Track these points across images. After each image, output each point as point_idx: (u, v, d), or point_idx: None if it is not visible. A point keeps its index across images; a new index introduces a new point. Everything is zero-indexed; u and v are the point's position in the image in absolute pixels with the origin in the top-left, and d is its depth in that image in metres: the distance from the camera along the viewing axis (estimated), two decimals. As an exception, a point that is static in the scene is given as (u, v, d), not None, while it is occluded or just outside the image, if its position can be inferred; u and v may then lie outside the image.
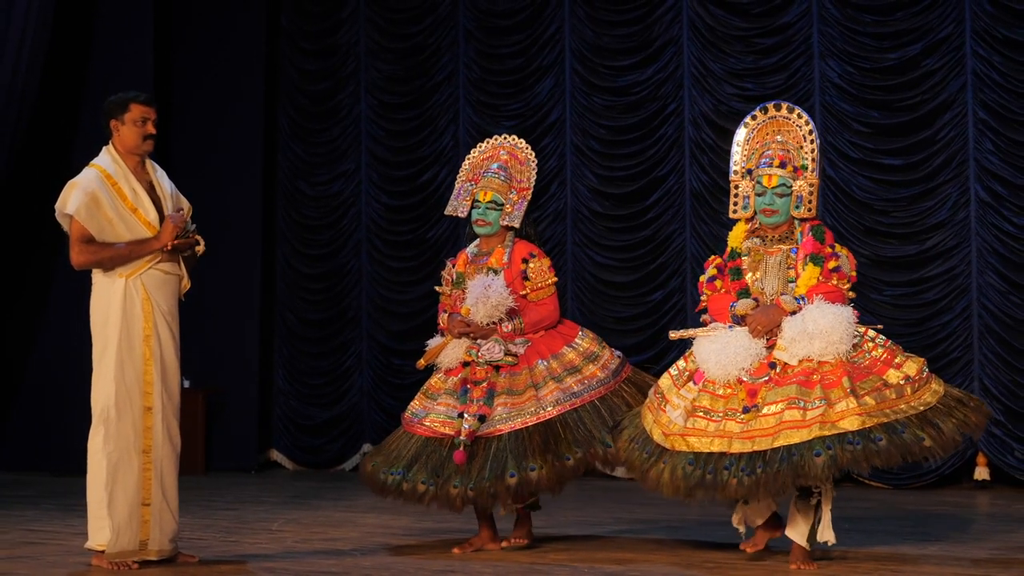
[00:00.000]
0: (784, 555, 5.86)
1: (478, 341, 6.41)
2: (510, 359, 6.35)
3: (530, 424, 6.19)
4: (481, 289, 6.37)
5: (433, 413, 6.33)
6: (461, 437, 6.17)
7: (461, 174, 6.76)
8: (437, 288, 6.74)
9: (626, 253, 10.81)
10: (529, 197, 6.68)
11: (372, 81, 12.07)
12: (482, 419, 6.22)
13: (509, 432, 6.18)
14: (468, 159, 6.79)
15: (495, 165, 6.67)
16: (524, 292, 6.49)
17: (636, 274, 10.78)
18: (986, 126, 9.63)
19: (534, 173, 6.73)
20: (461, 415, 6.24)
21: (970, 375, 9.51)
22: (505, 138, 6.82)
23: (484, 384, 6.32)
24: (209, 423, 11.58)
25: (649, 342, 10.66)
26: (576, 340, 6.56)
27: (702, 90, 10.61)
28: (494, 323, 6.40)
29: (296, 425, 12.23)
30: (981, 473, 9.54)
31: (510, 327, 6.42)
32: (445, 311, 6.59)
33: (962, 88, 9.72)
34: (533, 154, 6.79)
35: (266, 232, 12.24)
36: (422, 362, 6.55)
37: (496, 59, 11.53)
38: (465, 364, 6.41)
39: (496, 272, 6.46)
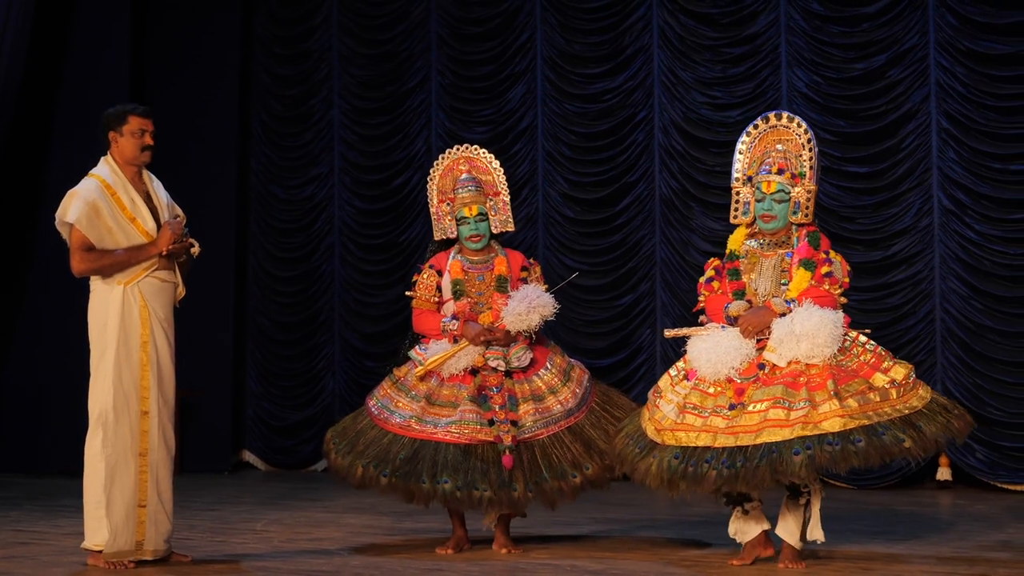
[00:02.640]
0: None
1: (500, 347, 6.52)
2: (527, 365, 6.56)
3: (564, 427, 6.42)
4: (535, 297, 6.54)
5: (463, 421, 6.34)
6: (507, 443, 6.30)
7: (432, 198, 6.87)
8: (408, 293, 6.79)
9: (597, 257, 10.97)
10: (508, 198, 6.86)
11: (345, 86, 12.20)
12: (514, 424, 6.38)
13: (548, 436, 6.39)
14: (430, 182, 6.91)
15: (463, 177, 6.80)
16: None
17: (606, 278, 10.95)
18: (949, 135, 9.85)
19: (501, 174, 6.88)
20: (491, 422, 6.37)
21: (933, 378, 9.72)
22: (457, 149, 6.95)
23: (502, 391, 6.48)
24: (182, 424, 11.64)
25: (619, 345, 10.86)
26: (550, 343, 6.79)
27: (672, 98, 10.80)
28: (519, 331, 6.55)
29: (268, 426, 12.34)
30: (944, 474, 9.78)
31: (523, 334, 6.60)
32: (455, 318, 6.60)
33: (926, 98, 9.95)
34: (491, 156, 6.93)
35: (239, 235, 12.32)
36: (421, 371, 6.53)
37: (468, 65, 11.68)
38: (473, 372, 6.52)
39: (507, 280, 6.64)
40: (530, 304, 6.53)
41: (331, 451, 6.62)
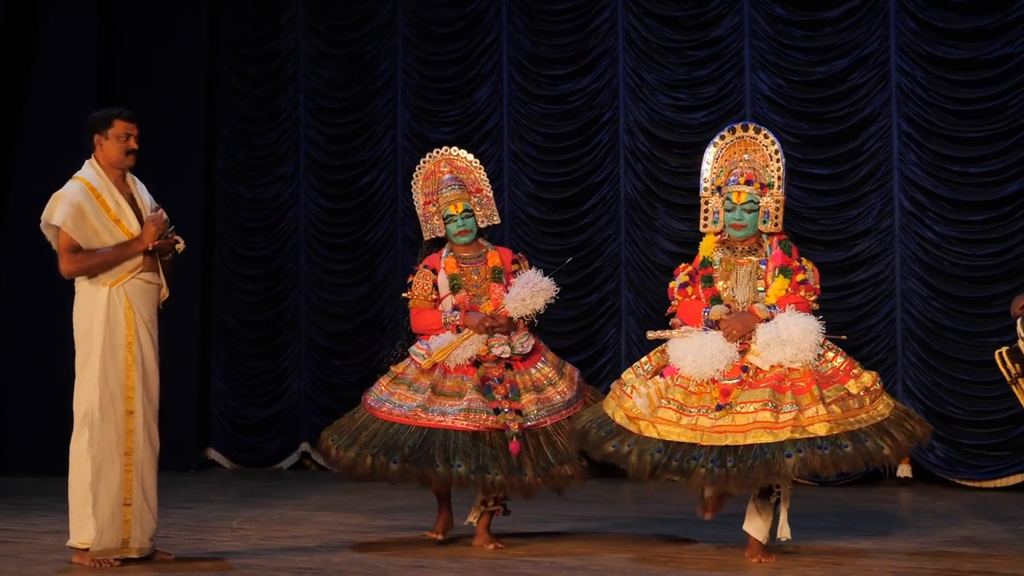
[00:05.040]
0: (739, 548, 6.18)
1: (502, 335, 6.64)
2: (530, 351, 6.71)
3: (565, 417, 6.56)
4: (537, 281, 6.67)
5: (471, 409, 6.43)
6: (514, 430, 6.43)
7: (417, 199, 6.99)
8: (405, 294, 6.87)
9: (562, 257, 10.97)
10: (491, 193, 6.99)
11: (311, 86, 12.26)
12: (519, 413, 6.50)
13: (551, 424, 6.53)
14: (414, 186, 7.03)
15: (446, 178, 6.92)
16: None
17: (572, 278, 10.97)
18: (909, 138, 10.01)
19: (482, 172, 7.03)
20: (497, 411, 6.47)
21: (893, 377, 9.89)
22: (437, 152, 7.07)
23: (504, 381, 6.60)
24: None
25: (585, 343, 10.97)
26: (539, 340, 6.90)
27: (637, 100, 10.92)
28: (520, 318, 6.69)
29: (234, 425, 12.39)
30: (904, 471, 9.95)
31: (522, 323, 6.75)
32: (456, 309, 6.68)
33: (887, 102, 10.10)
34: (471, 156, 7.07)
35: (205, 234, 12.35)
36: (428, 363, 6.59)
37: (435, 66, 11.76)
38: (476, 364, 6.62)
39: (502, 270, 6.77)
40: (533, 288, 6.66)
41: (331, 448, 6.65)
